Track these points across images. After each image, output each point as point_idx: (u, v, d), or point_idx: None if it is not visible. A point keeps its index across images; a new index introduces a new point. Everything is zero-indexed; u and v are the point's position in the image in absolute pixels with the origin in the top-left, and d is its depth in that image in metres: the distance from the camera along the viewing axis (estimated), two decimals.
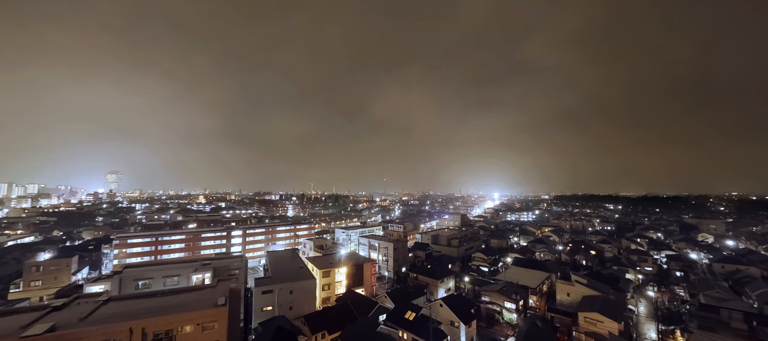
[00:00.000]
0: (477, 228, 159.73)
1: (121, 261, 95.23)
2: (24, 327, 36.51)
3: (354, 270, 79.76)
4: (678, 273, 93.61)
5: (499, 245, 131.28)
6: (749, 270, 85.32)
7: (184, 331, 40.66)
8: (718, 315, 57.65)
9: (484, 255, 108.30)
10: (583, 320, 57.56)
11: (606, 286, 69.43)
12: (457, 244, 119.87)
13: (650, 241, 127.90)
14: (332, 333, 53.24)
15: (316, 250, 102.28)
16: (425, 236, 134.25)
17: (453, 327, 56.37)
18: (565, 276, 76.41)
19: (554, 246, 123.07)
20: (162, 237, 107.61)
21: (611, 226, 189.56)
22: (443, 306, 58.29)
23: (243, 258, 79.96)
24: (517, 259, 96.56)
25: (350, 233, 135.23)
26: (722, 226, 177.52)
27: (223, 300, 44.81)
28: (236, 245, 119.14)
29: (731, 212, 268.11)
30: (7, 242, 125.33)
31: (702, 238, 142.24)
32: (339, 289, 77.32)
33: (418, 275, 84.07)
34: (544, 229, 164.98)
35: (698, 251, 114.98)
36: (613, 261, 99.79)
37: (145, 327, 38.56)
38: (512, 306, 66.42)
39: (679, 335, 55.93)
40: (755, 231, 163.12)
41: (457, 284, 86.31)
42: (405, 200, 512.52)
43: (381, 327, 56.35)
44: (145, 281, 62.74)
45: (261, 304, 59.71)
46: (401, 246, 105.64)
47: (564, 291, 68.07)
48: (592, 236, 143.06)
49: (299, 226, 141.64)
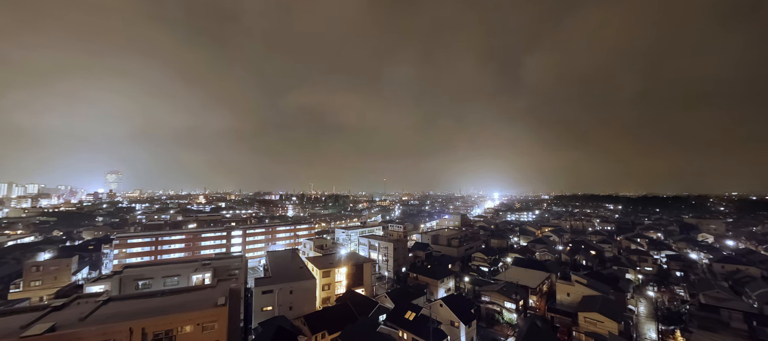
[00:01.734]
0: (477, 228, 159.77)
1: (121, 261, 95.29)
2: (24, 327, 36.52)
3: (354, 270, 79.70)
4: (678, 273, 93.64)
5: (499, 245, 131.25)
6: (749, 270, 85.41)
7: (184, 331, 40.66)
8: (718, 315, 57.73)
9: (484, 255, 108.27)
10: (583, 320, 57.57)
11: (606, 286, 69.45)
12: (457, 244, 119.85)
13: (650, 241, 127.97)
14: (332, 333, 53.17)
15: (316, 250, 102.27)
16: (425, 236, 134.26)
17: (453, 327, 56.36)
18: (565, 276, 76.43)
19: (554, 246, 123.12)
20: (162, 237, 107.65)
21: (611, 226, 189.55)
22: (443, 306, 58.27)
23: (243, 258, 79.88)
24: (517, 259, 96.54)
25: (350, 233, 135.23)
26: (722, 226, 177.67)
27: (223, 300, 44.82)
28: (236, 245, 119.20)
29: (731, 212, 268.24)
30: (7, 242, 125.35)
31: (702, 238, 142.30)
32: (339, 289, 77.28)
33: (418, 275, 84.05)
34: (544, 229, 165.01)
35: (698, 251, 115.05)
36: (613, 261, 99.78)
37: (145, 327, 38.56)
38: (512, 306, 66.43)
39: (679, 335, 55.91)
40: (755, 231, 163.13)
41: (457, 284, 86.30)
42: (405, 200, 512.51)
43: (381, 327, 56.35)
44: (145, 281, 62.72)
45: (261, 304, 59.73)
46: (401, 246, 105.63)
47: (564, 291, 68.07)
48: (592, 236, 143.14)
49: (299, 226, 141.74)
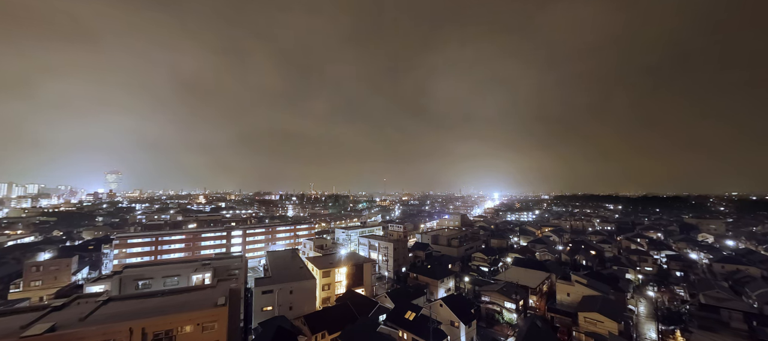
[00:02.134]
0: (477, 228, 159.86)
1: (121, 261, 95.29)
2: (24, 327, 36.51)
3: (354, 270, 79.69)
4: (678, 273, 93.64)
5: (499, 245, 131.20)
6: (749, 270, 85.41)
7: (184, 331, 40.66)
8: (718, 315, 57.73)
9: (484, 255, 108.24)
10: (583, 320, 57.57)
11: (606, 286, 69.45)
12: (457, 244, 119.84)
13: (650, 241, 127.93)
14: (332, 333, 53.18)
15: (316, 250, 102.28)
16: (425, 236, 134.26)
17: (453, 327, 56.36)
18: (565, 276, 76.27)
19: (554, 246, 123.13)
20: (162, 237, 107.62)
21: (611, 226, 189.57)
22: (443, 306, 58.27)
23: (243, 258, 79.90)
24: (517, 259, 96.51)
25: (350, 233, 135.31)
26: (722, 226, 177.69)
27: (223, 300, 44.82)
28: (236, 245, 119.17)
29: (731, 212, 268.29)
30: (7, 242, 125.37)
31: (702, 238, 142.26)
32: (339, 289, 77.28)
33: (418, 275, 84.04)
34: (544, 229, 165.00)
35: (698, 251, 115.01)
36: (613, 261, 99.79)
37: (145, 327, 38.56)
38: (512, 306, 66.41)
39: (679, 335, 55.90)
40: (755, 231, 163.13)
41: (457, 284, 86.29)
42: (405, 200, 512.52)
43: (381, 327, 56.35)
44: (145, 281, 62.73)
45: (261, 304, 59.73)
46: (401, 246, 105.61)
47: (564, 291, 68.07)
48: (592, 236, 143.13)
49: (299, 226, 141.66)
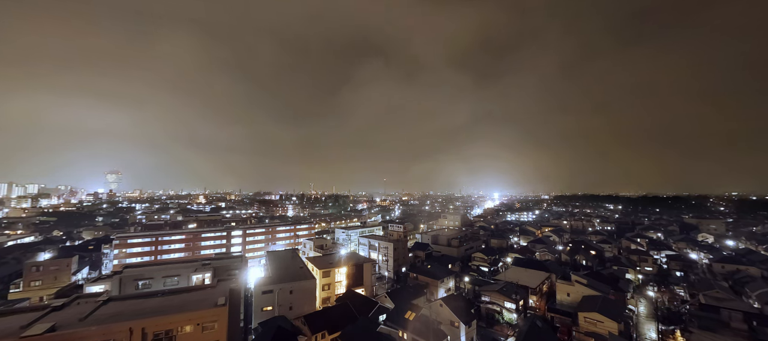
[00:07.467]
0: (477, 228, 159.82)
1: (121, 261, 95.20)
2: (24, 327, 36.50)
3: (354, 270, 79.69)
4: (678, 273, 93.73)
5: (499, 245, 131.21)
6: (749, 270, 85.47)
7: (184, 331, 40.66)
8: (718, 315, 57.82)
9: (484, 255, 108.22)
10: (583, 320, 57.62)
11: (606, 286, 69.50)
12: (457, 244, 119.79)
13: (650, 241, 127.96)
14: (332, 333, 53.18)
15: (316, 250, 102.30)
16: (425, 236, 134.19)
17: (453, 327, 56.33)
18: (565, 276, 76.33)
19: (554, 246, 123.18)
20: (162, 237, 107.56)
21: (611, 226, 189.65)
22: (443, 306, 58.22)
23: (243, 258, 79.89)
24: (517, 259, 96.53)
25: (350, 233, 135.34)
26: (722, 226, 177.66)
27: (223, 300, 44.83)
28: (236, 245, 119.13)
29: (731, 212, 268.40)
30: (7, 242, 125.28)
31: (702, 238, 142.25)
32: (339, 289, 77.28)
33: (418, 275, 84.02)
34: (544, 229, 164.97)
35: (698, 251, 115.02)
36: (613, 261, 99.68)
37: (145, 327, 38.56)
38: (512, 306, 66.42)
39: (679, 335, 55.93)
40: (755, 231, 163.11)
41: (457, 284, 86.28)
42: (405, 200, 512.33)
43: (381, 327, 56.36)
44: (145, 281, 62.65)
45: (261, 304, 59.75)
46: (401, 246, 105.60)
47: (564, 291, 68.11)
48: (592, 236, 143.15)
49: (299, 226, 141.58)
